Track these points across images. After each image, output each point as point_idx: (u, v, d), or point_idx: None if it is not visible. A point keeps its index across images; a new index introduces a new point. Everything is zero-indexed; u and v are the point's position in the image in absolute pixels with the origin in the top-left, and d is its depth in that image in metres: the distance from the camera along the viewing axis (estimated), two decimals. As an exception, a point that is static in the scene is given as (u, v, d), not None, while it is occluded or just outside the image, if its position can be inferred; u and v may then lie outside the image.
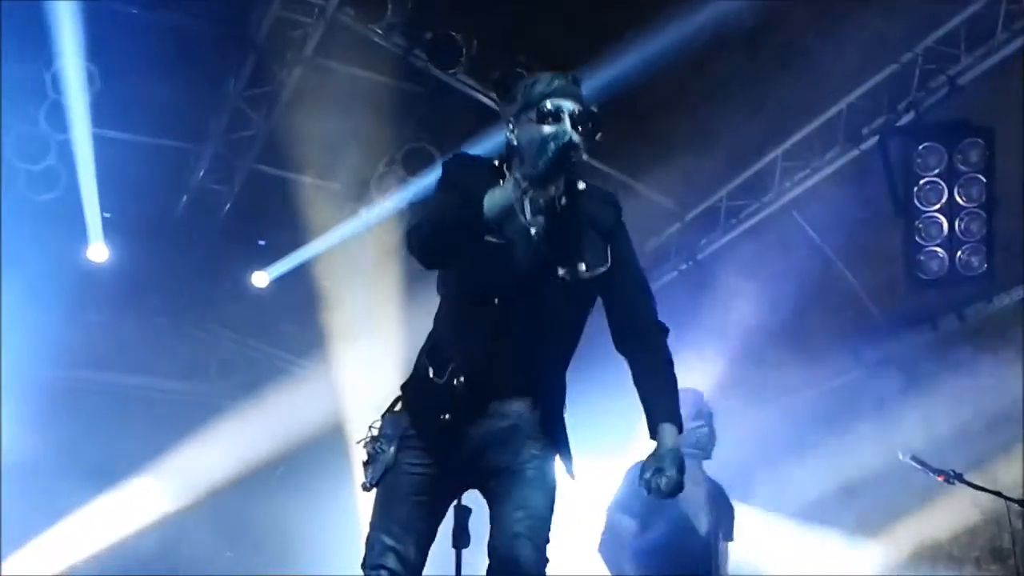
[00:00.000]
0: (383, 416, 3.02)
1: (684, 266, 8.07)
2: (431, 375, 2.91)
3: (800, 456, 7.64)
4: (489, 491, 2.92)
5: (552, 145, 2.78)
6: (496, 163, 2.96)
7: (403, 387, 3.05)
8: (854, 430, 7.19)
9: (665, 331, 3.05)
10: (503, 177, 2.90)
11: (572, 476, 2.98)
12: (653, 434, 2.94)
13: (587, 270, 2.88)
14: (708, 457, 4.89)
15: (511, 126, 2.94)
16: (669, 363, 3.02)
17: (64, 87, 6.53)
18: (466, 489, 3.01)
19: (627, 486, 4.68)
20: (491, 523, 2.87)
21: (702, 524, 4.68)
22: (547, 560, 2.84)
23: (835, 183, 6.97)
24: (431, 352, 2.97)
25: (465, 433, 2.90)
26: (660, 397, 2.97)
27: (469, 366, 2.85)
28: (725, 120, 6.53)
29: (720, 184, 7.65)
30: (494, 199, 2.77)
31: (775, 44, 6.29)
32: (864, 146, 6.60)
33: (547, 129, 2.83)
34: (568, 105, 2.87)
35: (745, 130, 6.68)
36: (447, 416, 2.86)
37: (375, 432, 2.99)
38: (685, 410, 4.52)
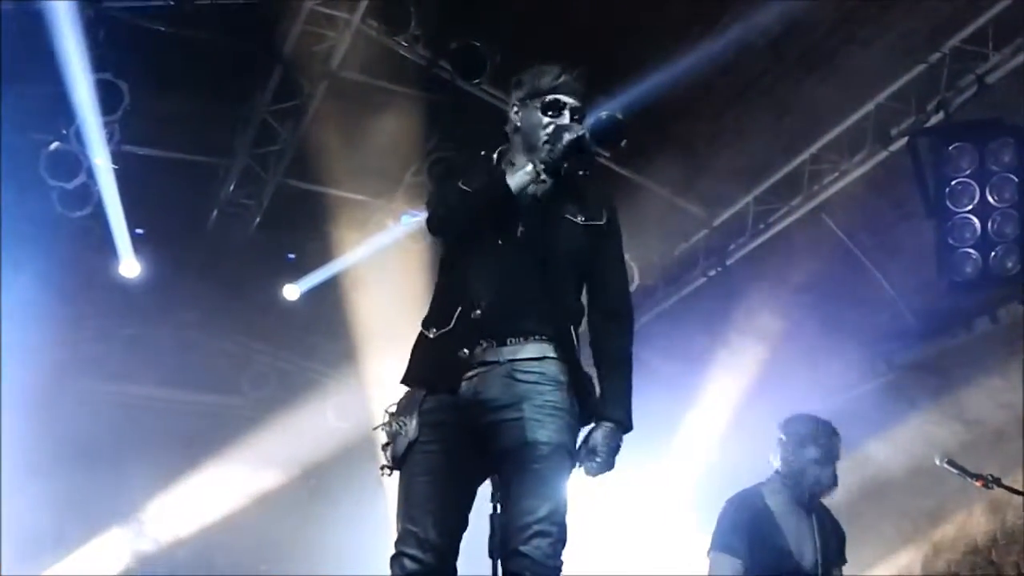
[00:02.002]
0: (398, 401, 3.00)
1: (713, 272, 8.03)
2: (435, 332, 2.94)
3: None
4: (501, 479, 2.87)
5: (567, 135, 2.96)
6: (483, 152, 3.14)
7: (404, 376, 3.03)
8: (888, 434, 7.12)
9: (632, 317, 3.13)
10: (493, 155, 3.11)
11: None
12: (597, 419, 2.97)
13: (585, 220, 3.02)
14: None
15: (516, 108, 3.14)
16: (630, 356, 3.07)
17: (92, 105, 6.60)
18: (486, 472, 2.93)
19: (727, 523, 4.48)
20: (503, 515, 2.81)
21: (808, 553, 4.52)
22: (562, 559, 2.78)
23: (865, 185, 6.91)
24: (431, 316, 3.01)
25: (479, 386, 2.85)
26: (614, 390, 3.00)
27: (481, 300, 2.89)
28: (752, 124, 6.51)
29: (748, 189, 7.61)
30: (516, 180, 2.95)
31: (801, 47, 6.26)
32: (893, 147, 6.53)
33: (547, 119, 3.04)
34: (571, 101, 3.09)
35: (772, 134, 6.66)
36: (464, 351, 2.86)
37: (391, 414, 2.96)
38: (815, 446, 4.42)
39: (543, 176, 2.96)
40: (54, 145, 6.88)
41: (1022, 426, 6.68)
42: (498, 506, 2.91)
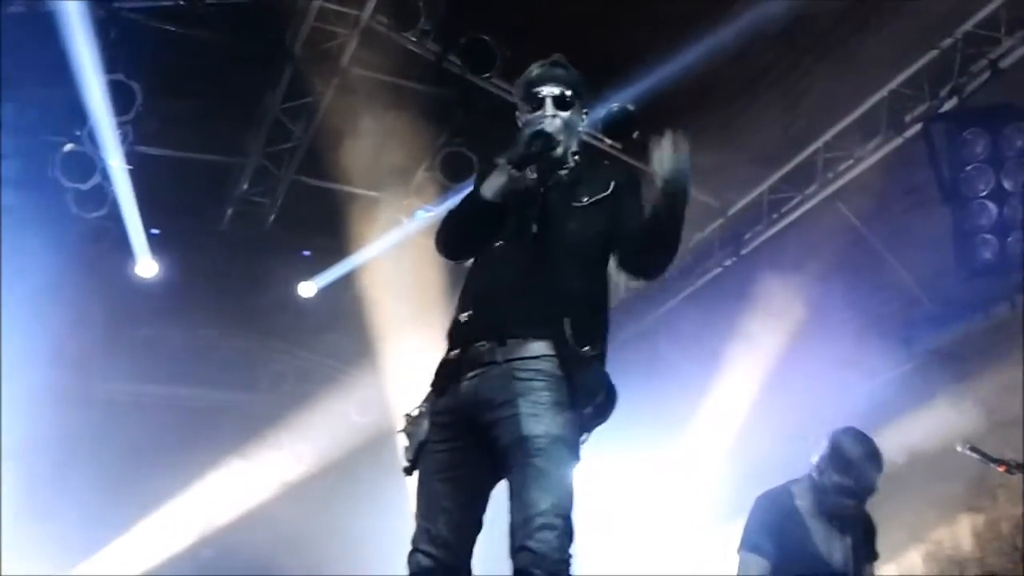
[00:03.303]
0: (418, 405, 3.03)
1: (728, 262, 8.01)
2: (446, 338, 3.00)
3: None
4: (508, 474, 2.83)
5: (527, 131, 2.97)
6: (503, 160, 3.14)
7: (434, 371, 3.08)
8: (909, 421, 7.08)
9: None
10: None
11: (601, 416, 2.88)
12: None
13: (589, 199, 3.01)
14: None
15: (518, 113, 3.17)
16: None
17: (105, 106, 6.63)
18: (498, 474, 2.89)
19: (755, 523, 4.42)
20: (511, 511, 2.77)
21: (837, 553, 4.47)
22: (571, 553, 2.72)
23: (880, 172, 6.87)
24: (450, 323, 3.05)
25: (478, 386, 2.86)
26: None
27: (476, 302, 2.95)
28: (765, 113, 6.47)
29: (762, 178, 7.58)
30: (491, 186, 2.97)
31: (813, 35, 6.21)
32: (907, 134, 6.50)
33: (536, 115, 3.05)
34: (549, 89, 3.08)
35: (785, 123, 6.62)
36: (455, 352, 2.91)
37: (411, 414, 3.00)
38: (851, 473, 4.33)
39: (515, 173, 2.94)
40: (68, 147, 6.93)
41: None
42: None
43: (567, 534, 2.71)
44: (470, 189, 3.07)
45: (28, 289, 7.02)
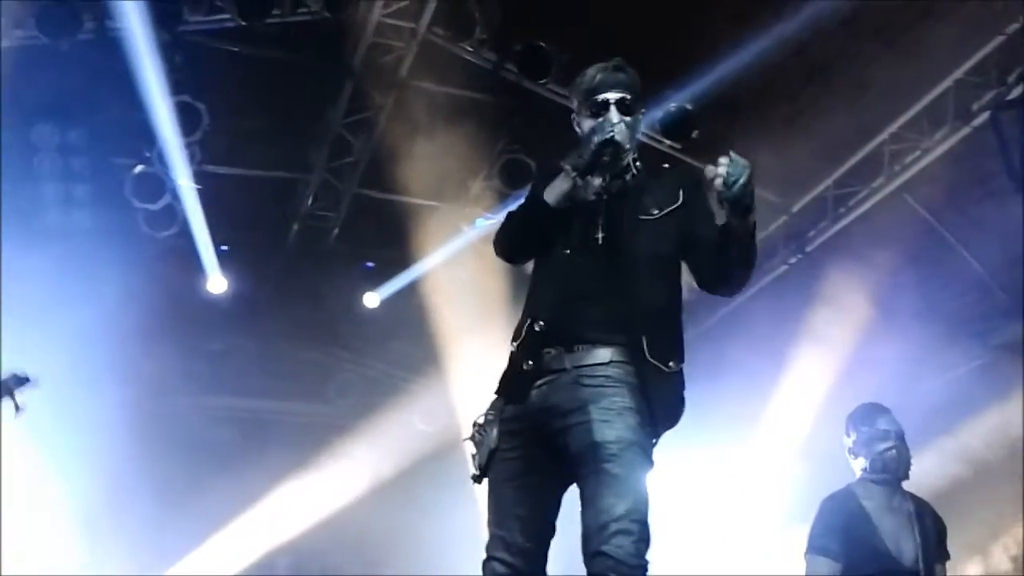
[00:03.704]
0: (484, 412, 3.02)
1: (793, 259, 7.90)
2: (513, 346, 2.97)
3: (929, 444, 7.37)
4: (581, 480, 2.83)
5: (595, 138, 2.89)
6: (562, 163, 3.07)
7: (496, 386, 3.06)
8: (984, 417, 6.92)
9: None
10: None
11: (662, 428, 2.86)
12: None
13: (660, 211, 2.96)
14: (903, 479, 4.45)
15: (576, 119, 3.10)
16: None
17: (172, 127, 6.78)
18: (568, 479, 2.90)
19: (821, 525, 4.40)
20: (585, 517, 2.76)
21: (908, 551, 4.41)
22: (648, 558, 2.71)
23: (948, 163, 6.74)
24: (515, 329, 3.02)
25: (548, 394, 2.86)
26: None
27: (543, 310, 2.91)
28: (827, 106, 6.38)
29: (825, 172, 7.47)
30: (554, 192, 2.92)
31: (875, 23, 6.11)
32: (975, 123, 6.36)
33: (594, 122, 2.98)
34: (612, 96, 3.00)
35: (848, 115, 6.52)
36: (529, 363, 2.88)
37: (478, 425, 2.99)
38: (866, 428, 4.38)
39: (579, 181, 2.89)
40: (138, 168, 7.10)
41: None
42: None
43: (644, 540, 2.70)
44: (530, 192, 3.05)
45: (102, 308, 7.20)
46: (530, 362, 2.89)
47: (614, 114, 2.98)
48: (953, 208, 7.14)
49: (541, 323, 2.91)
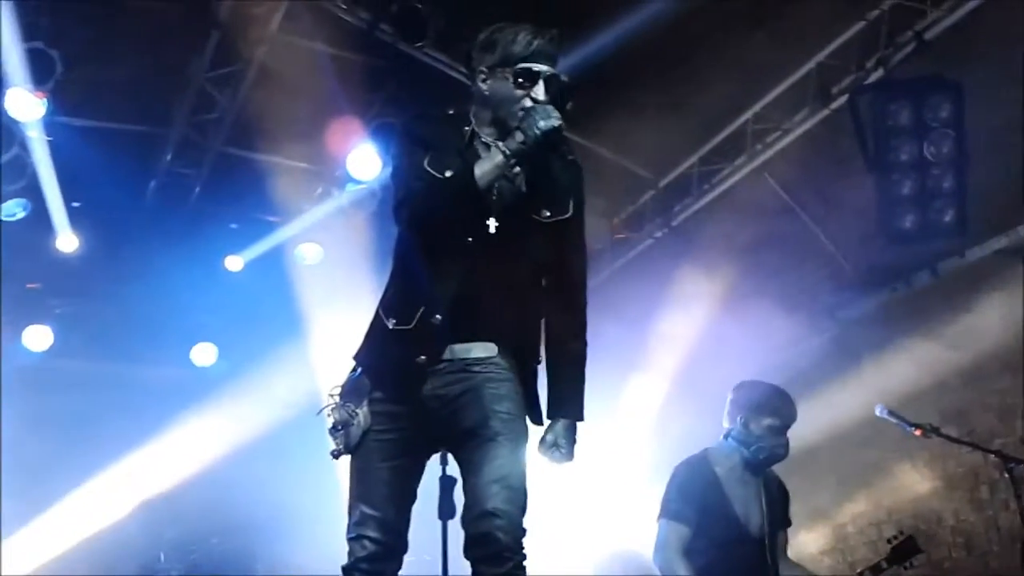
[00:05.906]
0: (343, 384, 3.00)
1: (659, 233, 8.09)
2: (394, 325, 2.90)
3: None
4: (461, 458, 2.92)
5: (541, 124, 2.77)
6: (451, 112, 3.02)
7: (356, 355, 3.02)
8: (832, 387, 7.25)
9: (585, 311, 3.10)
10: (464, 125, 2.95)
11: (540, 423, 3.03)
12: (555, 415, 3.03)
13: (551, 215, 2.94)
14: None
15: (484, 76, 2.94)
16: (585, 353, 3.07)
17: (23, 75, 6.41)
18: (439, 447, 3.01)
19: (675, 491, 4.55)
20: (465, 495, 2.86)
21: (754, 518, 4.58)
22: (524, 532, 2.83)
23: (806, 143, 6.98)
24: (392, 304, 2.96)
25: (434, 382, 2.89)
26: (573, 388, 3.05)
27: (441, 306, 2.86)
28: (698, 84, 6.50)
29: (692, 149, 7.64)
30: (484, 171, 2.83)
31: (748, 3, 6.24)
32: (834, 105, 6.61)
33: (521, 92, 2.87)
34: (545, 69, 2.89)
35: (718, 93, 6.66)
36: (422, 358, 2.85)
37: (338, 398, 2.96)
38: (769, 419, 4.50)
39: (511, 163, 2.84)
40: (-16, 117, 6.69)
41: (961, 377, 6.86)
42: (446, 468, 3.05)
43: (524, 506, 2.85)
44: (461, 166, 2.83)
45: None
46: (423, 356, 2.87)
47: (542, 90, 2.86)
48: (809, 187, 7.41)
49: (438, 317, 2.85)
